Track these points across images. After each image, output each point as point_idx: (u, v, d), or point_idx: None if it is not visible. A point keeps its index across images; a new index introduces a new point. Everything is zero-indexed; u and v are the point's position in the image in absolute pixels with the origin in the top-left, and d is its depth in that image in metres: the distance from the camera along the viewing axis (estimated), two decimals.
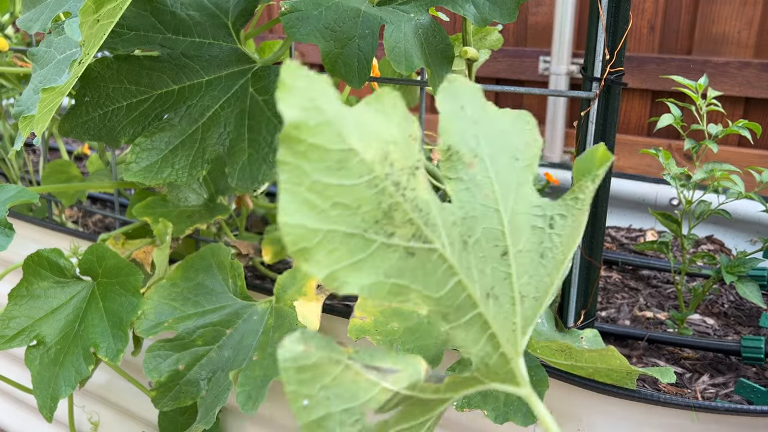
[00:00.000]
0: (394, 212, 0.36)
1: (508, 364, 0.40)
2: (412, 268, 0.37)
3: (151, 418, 0.96)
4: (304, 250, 0.33)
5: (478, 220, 0.40)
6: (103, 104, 0.77)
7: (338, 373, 0.34)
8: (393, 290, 0.36)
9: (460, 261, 0.39)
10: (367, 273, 0.35)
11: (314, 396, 0.33)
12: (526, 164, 0.42)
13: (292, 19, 0.65)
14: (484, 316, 0.39)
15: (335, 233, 0.34)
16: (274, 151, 0.72)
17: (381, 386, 0.36)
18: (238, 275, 0.79)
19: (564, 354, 0.61)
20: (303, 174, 0.33)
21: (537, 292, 0.42)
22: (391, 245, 0.36)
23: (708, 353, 0.86)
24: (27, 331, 0.78)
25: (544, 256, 0.42)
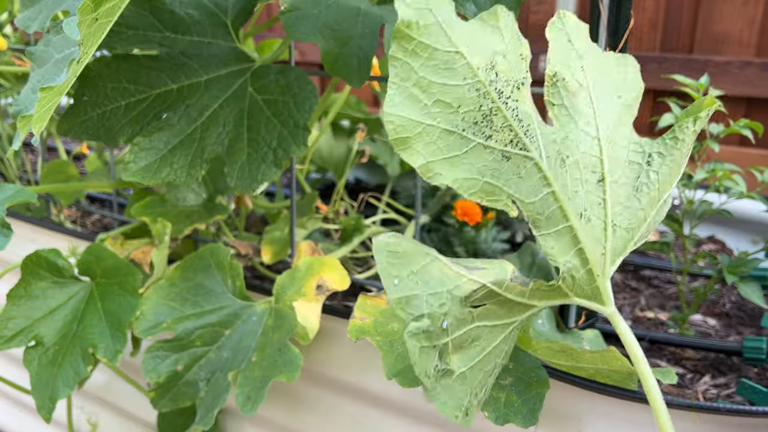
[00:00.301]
0: (494, 117, 0.39)
1: (595, 281, 0.43)
2: (506, 171, 0.40)
3: (150, 419, 0.96)
4: (404, 139, 0.37)
5: (577, 144, 0.42)
6: (101, 103, 0.77)
7: (426, 263, 0.37)
8: (485, 188, 0.39)
9: (555, 176, 0.41)
10: (461, 169, 0.38)
11: (403, 278, 0.36)
12: (627, 103, 0.45)
13: (292, 18, 0.65)
14: (575, 230, 0.42)
15: (435, 128, 0.38)
16: (273, 150, 0.72)
17: (467, 278, 0.38)
18: (237, 275, 0.79)
19: (565, 355, 0.61)
20: (411, 70, 0.37)
21: (629, 224, 0.44)
22: (487, 147, 0.39)
23: (709, 354, 0.85)
24: (25, 331, 0.78)
25: (639, 191, 0.44)
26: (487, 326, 0.40)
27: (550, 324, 0.73)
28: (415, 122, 0.38)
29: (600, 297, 0.43)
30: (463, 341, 0.39)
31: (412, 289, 0.36)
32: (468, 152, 0.39)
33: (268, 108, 0.73)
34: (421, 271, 0.37)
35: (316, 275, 0.76)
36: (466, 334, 0.39)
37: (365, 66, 0.66)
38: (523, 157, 0.40)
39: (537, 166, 0.40)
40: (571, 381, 0.65)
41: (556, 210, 0.41)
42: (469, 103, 0.38)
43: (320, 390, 0.82)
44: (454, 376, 0.38)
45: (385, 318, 0.70)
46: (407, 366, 0.65)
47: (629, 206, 0.44)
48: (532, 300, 0.42)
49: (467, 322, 0.39)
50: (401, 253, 0.36)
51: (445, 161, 0.38)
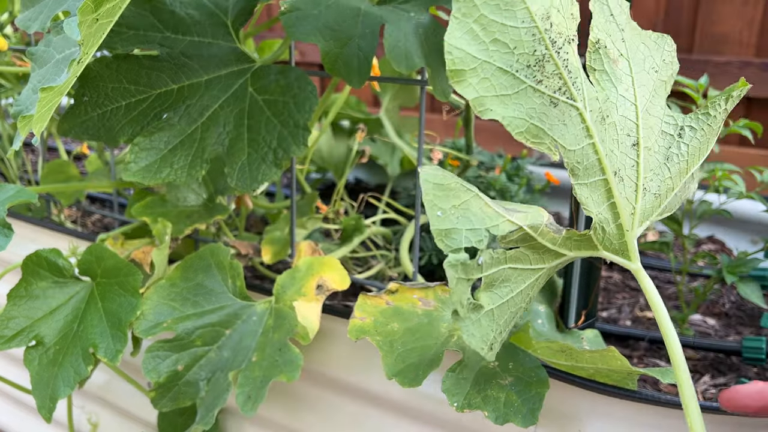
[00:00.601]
0: (546, 63, 0.41)
1: (623, 236, 0.45)
2: (552, 116, 0.42)
3: (150, 418, 0.96)
4: (460, 72, 0.39)
5: (616, 107, 0.45)
6: (101, 104, 0.77)
7: (468, 199, 0.39)
8: (532, 130, 0.41)
9: (597, 130, 0.43)
10: (511, 107, 0.41)
11: (446, 211, 0.38)
12: (662, 79, 0.47)
13: (292, 18, 0.65)
14: (610, 184, 0.44)
15: (490, 66, 0.40)
16: (273, 150, 0.72)
17: (506, 219, 0.40)
18: (238, 275, 0.79)
19: (565, 354, 0.61)
20: (474, 7, 0.39)
21: (658, 190, 0.46)
22: (537, 90, 0.41)
23: (709, 353, 0.86)
24: (26, 331, 0.78)
25: (669, 160, 0.47)
26: (517, 269, 0.42)
27: (549, 324, 0.74)
28: (473, 57, 0.39)
29: (627, 253, 0.46)
30: (494, 280, 0.41)
31: (453, 222, 0.38)
32: (519, 93, 0.41)
33: (268, 108, 0.73)
34: (462, 206, 0.39)
35: (316, 275, 0.76)
36: (498, 273, 0.41)
37: (365, 66, 0.66)
38: (570, 106, 0.42)
39: (581, 117, 0.43)
40: (571, 381, 0.65)
41: (594, 161, 0.43)
42: (524, 46, 0.40)
43: (320, 390, 0.82)
44: (483, 311, 0.40)
45: (385, 318, 0.70)
46: (407, 365, 0.65)
47: (659, 174, 0.46)
48: (563, 249, 0.44)
49: (500, 263, 0.41)
50: (445, 186, 0.38)
51: (496, 98, 0.40)
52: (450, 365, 0.65)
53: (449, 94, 0.69)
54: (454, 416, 0.72)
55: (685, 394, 0.45)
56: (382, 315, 0.71)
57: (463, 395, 0.62)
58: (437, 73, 0.68)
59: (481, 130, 2.48)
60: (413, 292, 0.74)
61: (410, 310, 0.71)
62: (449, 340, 0.68)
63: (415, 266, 0.81)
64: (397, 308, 0.71)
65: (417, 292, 0.74)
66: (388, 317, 0.70)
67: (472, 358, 0.66)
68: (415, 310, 0.72)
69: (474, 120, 0.96)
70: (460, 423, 0.72)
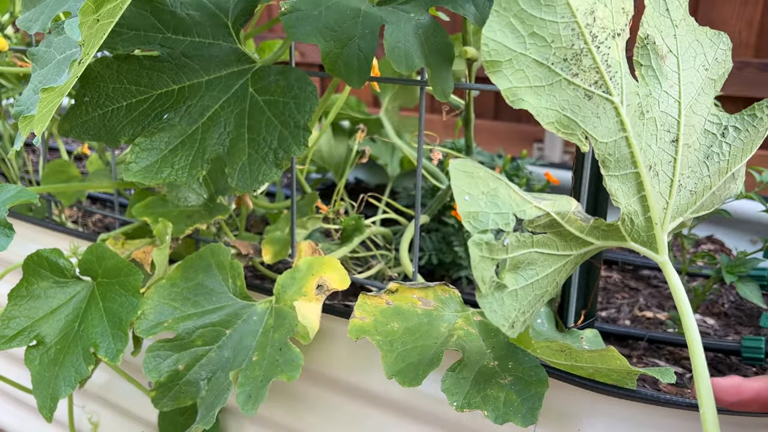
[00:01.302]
0: (584, 57, 0.42)
1: (652, 230, 0.45)
2: (586, 109, 0.42)
3: (151, 418, 0.96)
4: (496, 63, 0.40)
5: (658, 102, 0.45)
6: (102, 104, 0.77)
7: (497, 186, 0.40)
8: (563, 121, 0.42)
9: (632, 124, 0.44)
10: (544, 99, 0.41)
11: (474, 195, 0.39)
12: (712, 77, 0.48)
13: (292, 19, 0.65)
14: (642, 178, 0.45)
15: (526, 58, 0.41)
16: (273, 151, 0.72)
17: (533, 204, 0.41)
18: (238, 275, 0.79)
19: (564, 354, 0.61)
20: (513, 2, 0.40)
21: (695, 187, 0.47)
22: (572, 83, 0.42)
23: (708, 353, 0.86)
24: (27, 331, 0.78)
25: (709, 158, 0.47)
26: (544, 253, 0.43)
27: (549, 324, 0.74)
28: (509, 49, 0.40)
29: (655, 245, 0.46)
30: (519, 262, 0.41)
31: (480, 206, 0.39)
32: (553, 85, 0.41)
33: (268, 109, 0.73)
34: (490, 191, 0.39)
35: (316, 275, 0.76)
36: (524, 256, 0.41)
37: (365, 67, 0.66)
38: (605, 99, 0.43)
39: (616, 110, 0.43)
40: (571, 380, 0.65)
41: (626, 154, 0.44)
42: (562, 40, 0.41)
43: (320, 389, 0.82)
44: (506, 291, 0.41)
45: (385, 318, 0.70)
46: (407, 365, 0.65)
47: (697, 171, 0.47)
48: (590, 237, 0.44)
49: (526, 246, 0.41)
50: (474, 174, 0.39)
51: (529, 89, 0.41)
52: (450, 365, 0.65)
53: (449, 95, 0.70)
54: (453, 416, 0.72)
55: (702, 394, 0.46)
56: (382, 315, 0.71)
57: (463, 395, 0.62)
58: (437, 74, 0.68)
59: (481, 130, 2.48)
60: (413, 292, 0.74)
61: (410, 310, 0.72)
62: (449, 340, 0.68)
63: (415, 266, 0.81)
64: (397, 308, 0.72)
65: (417, 292, 0.74)
66: (388, 317, 0.71)
67: (472, 357, 0.66)
68: (415, 309, 0.72)
69: (474, 120, 0.96)
70: (459, 422, 0.72)
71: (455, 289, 0.76)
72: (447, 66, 0.70)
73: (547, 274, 0.44)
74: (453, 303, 0.74)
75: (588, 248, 0.45)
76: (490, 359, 0.66)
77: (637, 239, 0.46)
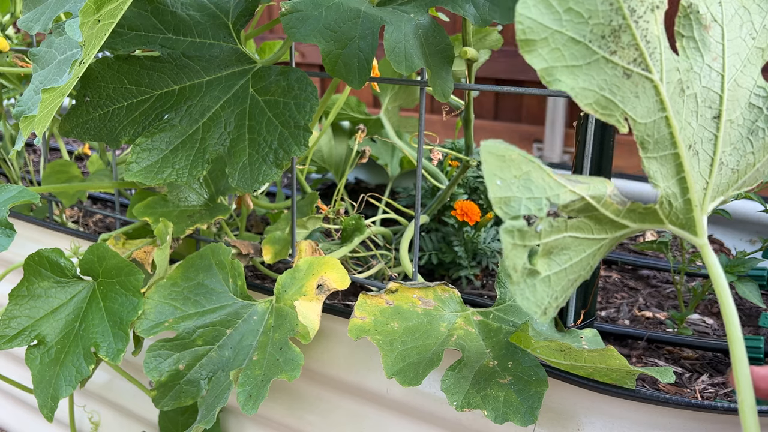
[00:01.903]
0: (622, 33, 0.40)
1: (691, 212, 0.44)
2: (624, 88, 0.41)
3: (152, 417, 0.97)
4: (530, 41, 0.39)
5: (699, 78, 0.43)
6: (103, 104, 0.77)
7: (530, 170, 0.38)
8: (601, 102, 0.40)
9: (672, 103, 0.42)
10: (581, 79, 0.40)
11: (505, 180, 0.37)
12: (759, 46, 0.45)
13: (293, 19, 0.66)
14: (681, 159, 0.43)
15: (562, 35, 0.39)
16: (274, 151, 0.72)
17: (568, 188, 0.39)
18: (239, 275, 0.79)
19: (563, 354, 0.61)
20: None
21: (737, 165, 0.45)
22: (610, 61, 0.40)
23: (707, 353, 0.86)
24: (27, 330, 0.78)
25: (753, 134, 0.45)
26: (578, 238, 0.41)
27: (549, 323, 0.74)
28: (544, 26, 0.38)
29: (694, 228, 0.44)
30: (552, 248, 0.40)
31: (513, 191, 0.37)
32: (590, 64, 0.40)
33: (269, 109, 0.73)
34: (522, 176, 0.38)
35: (316, 275, 0.76)
36: (557, 241, 0.40)
37: (365, 67, 0.66)
38: (644, 78, 0.41)
39: (656, 89, 0.41)
40: (570, 380, 0.65)
41: (666, 135, 0.42)
42: (599, 16, 0.39)
43: (321, 389, 0.82)
44: (539, 277, 0.39)
45: (385, 317, 0.71)
46: (407, 364, 0.65)
47: (740, 148, 0.45)
48: (626, 220, 0.43)
49: (560, 231, 0.40)
50: (506, 157, 0.37)
51: (566, 69, 0.39)
52: (449, 364, 0.65)
53: (449, 95, 0.70)
54: (453, 415, 0.72)
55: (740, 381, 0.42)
56: (382, 314, 0.71)
57: (463, 394, 0.62)
58: (437, 74, 0.69)
59: (481, 130, 2.48)
60: (413, 292, 0.74)
61: (410, 310, 0.72)
62: (449, 340, 0.68)
63: (415, 266, 0.81)
64: (397, 308, 0.72)
65: (417, 292, 0.74)
66: (388, 316, 0.71)
67: (472, 357, 0.66)
68: (415, 309, 0.72)
69: (473, 121, 0.97)
70: (459, 422, 0.72)
71: (455, 289, 0.76)
72: (447, 66, 0.70)
73: (581, 259, 0.42)
74: (453, 303, 0.74)
75: (623, 231, 0.43)
76: (490, 359, 0.66)
77: (675, 222, 0.44)
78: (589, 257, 0.43)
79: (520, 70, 2.28)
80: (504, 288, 0.77)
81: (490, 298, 0.99)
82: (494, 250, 1.05)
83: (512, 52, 2.29)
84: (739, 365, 0.42)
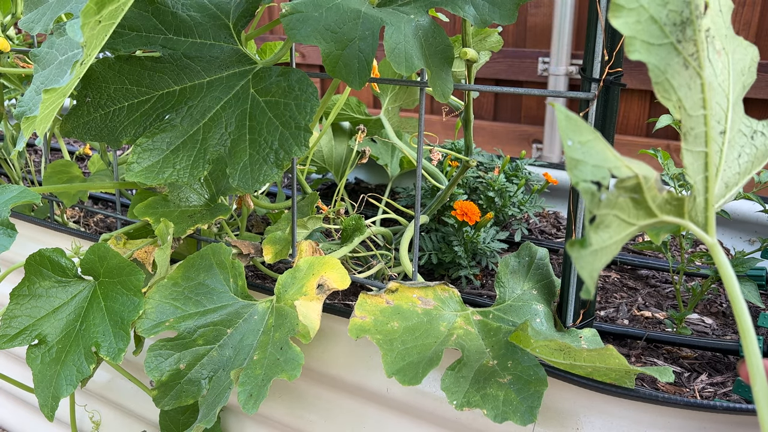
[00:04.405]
0: (688, 26, 0.44)
1: (708, 210, 0.47)
2: (682, 77, 0.45)
3: (153, 417, 0.97)
4: (619, 7, 0.43)
5: (714, 93, 0.47)
6: (104, 105, 0.78)
7: (592, 139, 0.41)
8: (664, 84, 0.45)
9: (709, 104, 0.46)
10: (654, 56, 0.44)
11: (575, 142, 0.40)
12: (743, 84, 0.51)
13: (293, 20, 0.66)
14: (708, 157, 0.47)
15: (645, 11, 0.43)
16: (274, 151, 0.73)
17: (625, 163, 0.42)
18: (239, 275, 0.80)
19: (563, 353, 0.62)
20: None
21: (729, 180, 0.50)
22: (676, 49, 0.44)
23: (706, 352, 0.86)
24: (28, 330, 0.78)
25: (740, 157, 0.50)
26: (619, 218, 0.43)
27: (548, 323, 0.74)
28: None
29: (707, 227, 0.47)
30: (601, 222, 0.42)
31: (580, 155, 0.40)
32: (662, 46, 0.44)
33: (269, 109, 0.74)
34: (587, 143, 0.40)
35: (317, 274, 0.76)
36: (605, 216, 0.42)
37: (365, 68, 0.67)
38: (696, 74, 0.45)
39: (702, 87, 0.46)
40: (569, 379, 0.66)
41: (701, 132, 0.46)
42: (675, 3, 0.43)
43: (321, 388, 0.83)
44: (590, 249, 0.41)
45: (385, 317, 0.71)
46: (407, 364, 0.65)
47: (732, 167, 0.49)
48: (656, 209, 0.45)
49: (611, 206, 0.42)
50: (574, 119, 0.40)
51: (644, 43, 0.43)
52: (449, 364, 0.66)
53: (448, 96, 0.70)
54: (453, 414, 0.72)
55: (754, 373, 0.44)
56: (382, 314, 0.71)
57: (462, 393, 0.63)
58: (437, 75, 0.69)
59: (480, 131, 2.48)
60: (413, 292, 0.74)
61: (410, 309, 0.72)
62: (448, 339, 0.69)
63: (415, 266, 0.81)
64: (397, 307, 0.72)
65: (417, 292, 0.74)
66: (388, 316, 0.71)
67: (471, 356, 0.66)
68: (415, 309, 0.72)
69: (473, 121, 0.97)
70: (459, 421, 0.72)
71: (455, 289, 0.76)
72: (447, 67, 0.71)
73: (615, 242, 0.43)
74: (452, 302, 0.75)
75: (649, 221, 0.45)
76: (490, 358, 0.66)
77: (694, 218, 0.47)
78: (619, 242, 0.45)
79: (520, 70, 2.29)
80: (503, 288, 0.77)
81: (489, 297, 0.99)
82: (494, 250, 1.06)
83: (512, 53, 2.29)
84: (753, 357, 0.44)
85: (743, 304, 0.44)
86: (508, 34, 2.27)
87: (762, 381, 0.43)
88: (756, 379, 0.43)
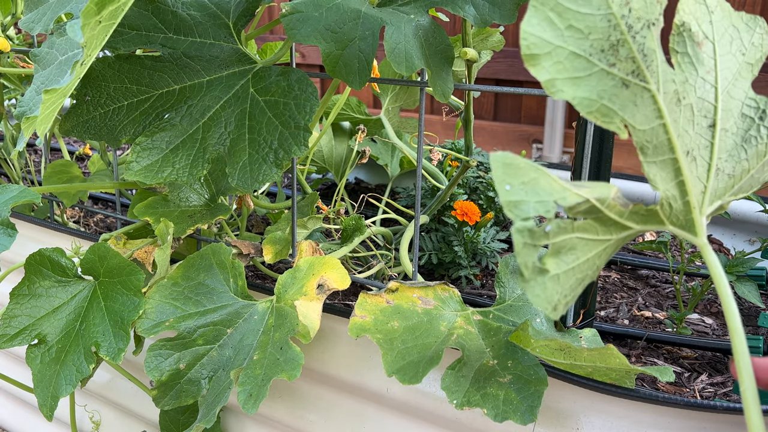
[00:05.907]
0: (620, 48, 0.43)
1: (690, 213, 0.46)
2: (623, 97, 0.44)
3: (152, 417, 0.97)
4: (534, 56, 0.42)
5: (694, 89, 0.46)
6: (104, 103, 0.78)
7: (537, 176, 0.41)
8: (602, 110, 0.43)
9: (669, 111, 0.45)
10: (582, 89, 0.43)
11: (514, 185, 0.40)
12: (749, 61, 0.49)
13: (293, 20, 0.66)
14: (679, 164, 0.46)
15: (563, 50, 0.42)
16: (274, 151, 0.73)
17: (573, 191, 0.41)
18: (239, 275, 0.80)
19: (563, 353, 0.62)
20: None
21: (733, 171, 0.48)
22: (609, 73, 0.43)
23: (706, 352, 0.86)
24: (28, 329, 0.78)
25: (747, 142, 0.48)
26: (584, 239, 0.43)
27: (548, 323, 0.74)
28: (547, 42, 0.42)
29: (693, 229, 0.47)
30: (561, 248, 0.42)
31: (521, 196, 0.39)
32: (591, 75, 0.43)
33: (269, 109, 0.74)
34: (530, 181, 0.40)
35: (317, 274, 0.76)
36: (565, 242, 0.42)
37: (365, 68, 0.67)
38: (642, 88, 0.44)
39: (653, 99, 0.44)
40: (570, 379, 0.65)
41: (664, 141, 0.45)
42: (599, 32, 0.42)
43: (321, 388, 0.83)
44: (548, 275, 0.42)
45: (386, 316, 0.71)
46: (407, 363, 0.65)
47: (734, 155, 0.48)
48: (629, 222, 0.45)
49: (567, 231, 0.42)
50: (514, 165, 0.40)
51: (568, 80, 0.42)
52: (449, 363, 0.66)
53: (449, 96, 0.70)
54: (453, 414, 0.72)
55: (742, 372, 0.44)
56: (383, 313, 0.71)
57: (463, 393, 0.62)
58: (437, 75, 0.69)
59: (480, 131, 2.48)
60: (413, 291, 0.74)
61: (410, 309, 0.72)
62: (449, 339, 0.69)
63: (415, 266, 0.81)
64: (397, 307, 0.72)
65: (417, 291, 0.74)
66: (389, 316, 0.71)
67: (472, 356, 0.66)
68: (415, 308, 0.72)
69: (473, 121, 0.97)
70: (459, 421, 0.72)
71: (455, 289, 0.76)
72: (447, 67, 0.71)
73: (588, 259, 0.44)
74: (452, 302, 0.75)
75: (627, 232, 0.46)
76: (490, 358, 0.66)
77: (675, 223, 0.46)
78: (595, 257, 0.45)
79: (520, 70, 2.29)
80: (504, 288, 0.77)
81: (489, 297, 0.99)
82: (494, 250, 1.05)
83: (512, 53, 2.29)
84: (741, 356, 0.44)
85: (732, 302, 0.45)
86: (508, 34, 2.27)
87: (750, 379, 0.43)
88: (743, 377, 0.43)
